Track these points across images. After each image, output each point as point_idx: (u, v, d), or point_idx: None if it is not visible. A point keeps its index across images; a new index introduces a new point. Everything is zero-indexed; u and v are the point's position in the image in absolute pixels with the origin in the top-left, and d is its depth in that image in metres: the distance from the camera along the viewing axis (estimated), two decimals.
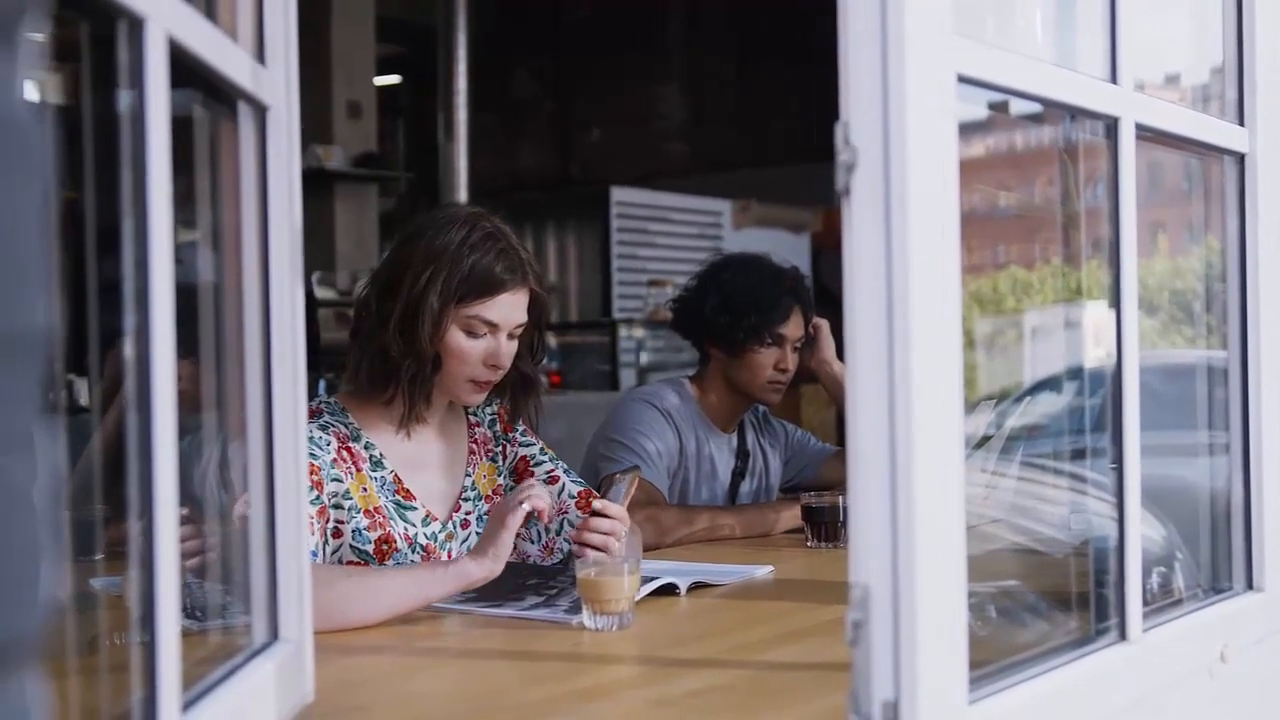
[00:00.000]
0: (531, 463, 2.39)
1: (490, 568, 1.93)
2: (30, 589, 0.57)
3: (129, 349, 0.97)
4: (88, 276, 1.03)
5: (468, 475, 2.34)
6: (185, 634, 1.03)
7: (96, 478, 2.08)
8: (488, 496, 2.34)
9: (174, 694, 0.99)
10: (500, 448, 2.39)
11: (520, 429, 2.41)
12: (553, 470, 2.38)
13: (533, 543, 2.34)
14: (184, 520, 1.05)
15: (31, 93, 0.61)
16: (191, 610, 1.29)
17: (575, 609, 1.92)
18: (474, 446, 2.36)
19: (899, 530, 1.15)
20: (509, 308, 2.20)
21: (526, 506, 1.95)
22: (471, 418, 2.39)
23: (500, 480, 2.37)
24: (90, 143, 1.09)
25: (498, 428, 2.40)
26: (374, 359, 2.20)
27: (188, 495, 1.05)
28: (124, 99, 0.98)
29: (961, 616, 1.21)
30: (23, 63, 0.60)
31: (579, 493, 2.34)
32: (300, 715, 1.39)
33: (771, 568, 2.37)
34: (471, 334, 2.18)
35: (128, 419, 0.99)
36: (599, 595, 1.85)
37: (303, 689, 1.39)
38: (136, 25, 0.96)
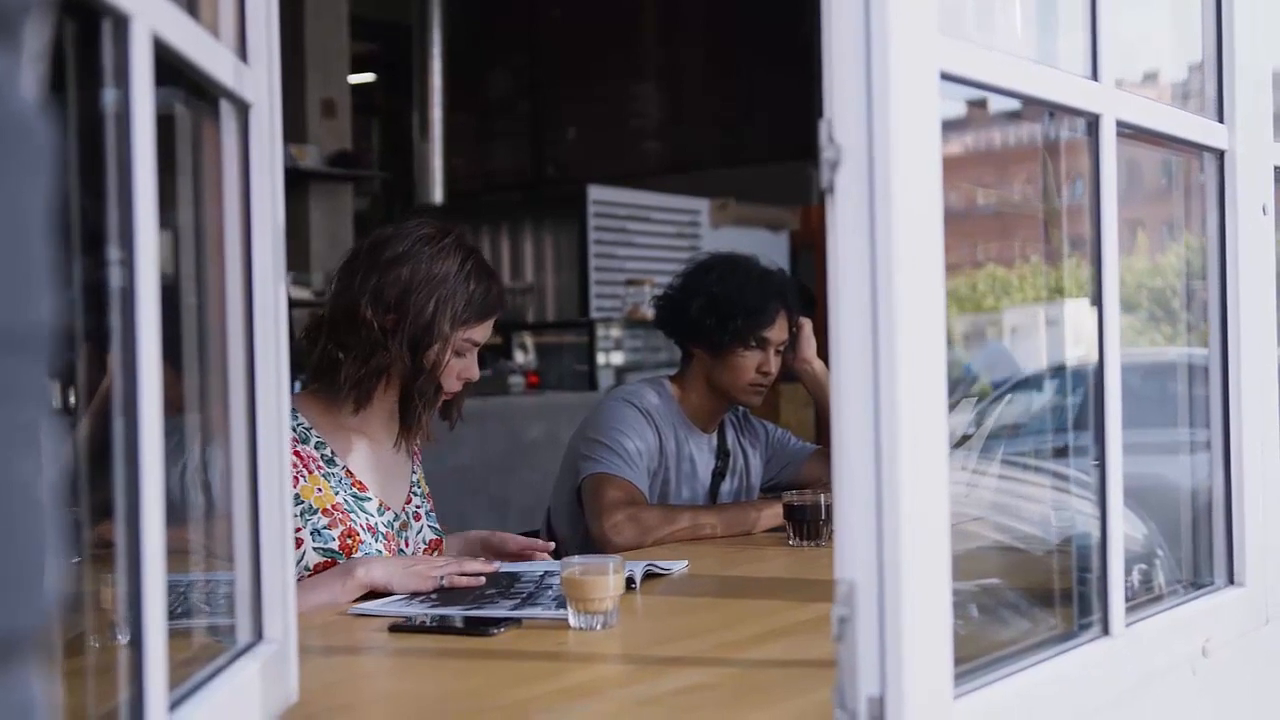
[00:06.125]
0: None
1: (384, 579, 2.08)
2: (36, 584, 0.57)
3: (115, 351, 0.96)
4: (71, 276, 1.02)
5: (414, 473, 2.43)
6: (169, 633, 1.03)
7: (76, 479, 2.07)
8: (428, 495, 2.46)
9: (161, 695, 0.99)
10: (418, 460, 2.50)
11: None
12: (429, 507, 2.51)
13: None
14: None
15: (35, 90, 0.61)
16: (173, 610, 1.28)
17: (563, 604, 1.91)
18: (415, 448, 2.45)
19: (884, 526, 1.15)
20: (490, 329, 2.33)
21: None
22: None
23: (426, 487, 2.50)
24: (72, 141, 1.08)
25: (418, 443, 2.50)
26: (375, 373, 2.24)
27: (168, 497, 1.04)
28: (108, 97, 0.97)
29: (946, 611, 1.21)
30: (27, 60, 0.60)
31: (431, 540, 2.43)
32: (285, 715, 1.38)
33: (686, 563, 2.37)
34: (459, 354, 2.28)
35: (110, 419, 0.99)
36: (583, 594, 1.85)
37: (287, 689, 1.39)
38: (121, 23, 0.96)
